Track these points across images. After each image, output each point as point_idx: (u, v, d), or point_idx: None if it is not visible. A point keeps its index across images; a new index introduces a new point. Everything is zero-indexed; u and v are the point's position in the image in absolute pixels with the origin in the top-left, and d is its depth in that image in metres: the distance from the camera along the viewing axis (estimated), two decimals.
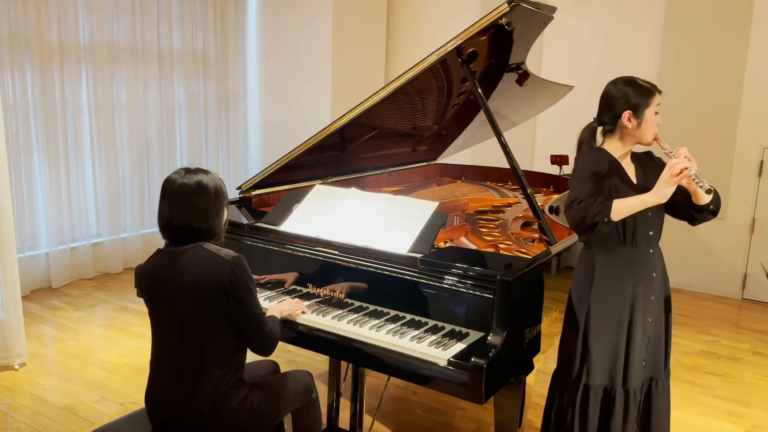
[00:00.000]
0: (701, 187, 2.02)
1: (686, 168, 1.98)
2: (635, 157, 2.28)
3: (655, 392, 2.31)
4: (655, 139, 2.19)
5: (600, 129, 2.27)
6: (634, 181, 2.22)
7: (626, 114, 2.16)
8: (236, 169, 6.38)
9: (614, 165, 2.20)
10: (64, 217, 5.00)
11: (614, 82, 2.23)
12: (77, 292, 4.92)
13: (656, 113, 2.18)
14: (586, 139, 2.27)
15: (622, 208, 2.04)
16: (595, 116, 2.26)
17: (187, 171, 2.01)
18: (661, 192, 2.01)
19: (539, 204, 2.65)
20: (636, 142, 2.22)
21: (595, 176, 2.16)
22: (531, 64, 3.31)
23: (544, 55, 5.77)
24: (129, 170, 5.46)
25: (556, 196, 3.57)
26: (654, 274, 2.25)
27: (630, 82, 2.20)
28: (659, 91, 2.19)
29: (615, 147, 2.23)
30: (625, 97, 2.17)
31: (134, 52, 5.33)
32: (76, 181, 5.08)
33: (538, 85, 3.48)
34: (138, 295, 2.07)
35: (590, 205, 2.04)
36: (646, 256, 2.23)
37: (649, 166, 2.28)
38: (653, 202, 2.04)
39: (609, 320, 2.21)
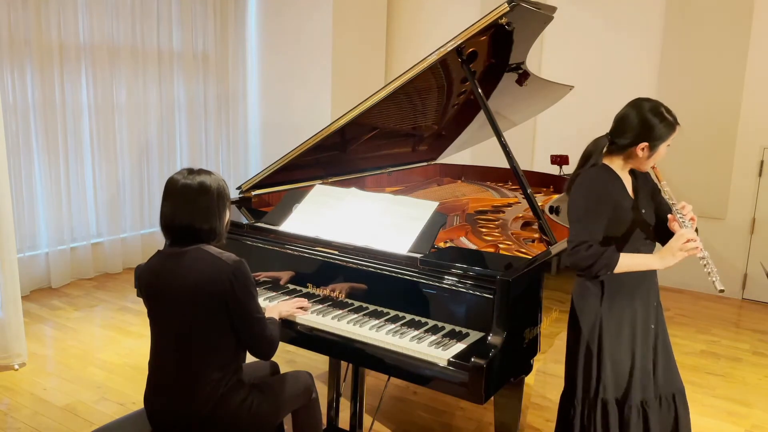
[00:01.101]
0: (712, 280, 2.03)
1: (697, 248, 2.03)
2: (631, 171, 2.28)
3: (680, 405, 2.30)
4: (653, 168, 2.20)
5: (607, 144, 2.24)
6: (632, 195, 2.22)
7: (642, 145, 2.12)
8: (236, 169, 6.38)
9: (618, 184, 2.20)
10: (64, 217, 5.00)
11: (639, 108, 2.13)
12: (77, 292, 4.92)
13: (668, 145, 2.15)
14: (595, 153, 2.22)
15: (625, 265, 2.08)
16: (609, 133, 2.21)
17: (191, 172, 2.00)
18: (667, 262, 2.07)
19: (539, 204, 2.65)
20: (635, 167, 2.22)
21: (601, 203, 2.13)
22: (531, 64, 3.31)
23: (544, 55, 5.77)
24: (129, 170, 5.46)
25: (556, 196, 3.57)
26: (656, 280, 2.29)
27: (657, 113, 2.10)
28: (679, 124, 2.13)
29: (618, 165, 2.22)
30: (648, 130, 2.10)
31: (134, 52, 5.33)
32: (76, 181, 5.08)
33: (538, 85, 3.48)
34: (138, 295, 2.07)
35: (599, 256, 2.04)
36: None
37: (642, 179, 2.29)
38: (657, 267, 2.10)
39: (621, 331, 2.21)
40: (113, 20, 5.16)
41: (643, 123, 2.10)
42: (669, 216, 2.14)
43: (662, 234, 2.24)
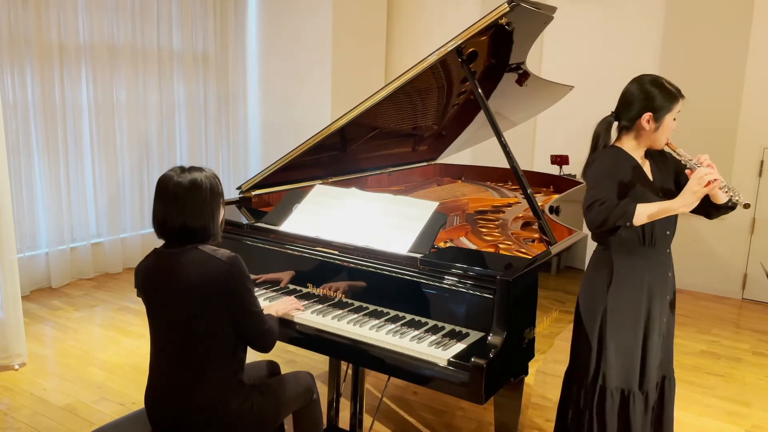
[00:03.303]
0: (737, 200, 1.98)
1: (716, 180, 1.97)
2: (648, 153, 2.25)
3: (668, 389, 2.33)
4: (667, 144, 2.18)
5: (616, 124, 2.23)
6: (651, 178, 2.20)
7: (646, 116, 2.12)
8: (236, 169, 6.38)
9: (632, 164, 2.18)
10: (64, 217, 5.00)
11: (640, 81, 2.16)
12: (77, 292, 4.92)
13: (674, 119, 2.14)
14: (603, 133, 2.22)
15: (645, 213, 2.02)
16: (613, 111, 2.22)
17: (183, 170, 1.98)
18: (688, 201, 2.00)
19: (539, 204, 2.65)
20: (649, 144, 2.20)
21: (614, 176, 2.12)
22: (531, 64, 3.31)
23: (544, 55, 5.77)
24: (129, 170, 5.46)
25: (556, 196, 3.57)
26: (669, 274, 2.27)
27: (657, 83, 2.13)
28: (683, 96, 2.14)
29: (631, 145, 2.20)
30: (648, 99, 2.11)
31: (134, 52, 5.33)
32: (76, 181, 5.08)
33: (538, 85, 3.48)
34: (138, 295, 2.06)
35: (613, 207, 2.01)
36: (663, 256, 2.24)
37: (663, 162, 2.26)
38: (678, 210, 2.03)
39: (626, 322, 2.21)
40: (113, 20, 5.16)
41: (643, 93, 2.12)
42: (687, 171, 2.09)
43: (699, 209, 2.18)
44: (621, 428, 2.26)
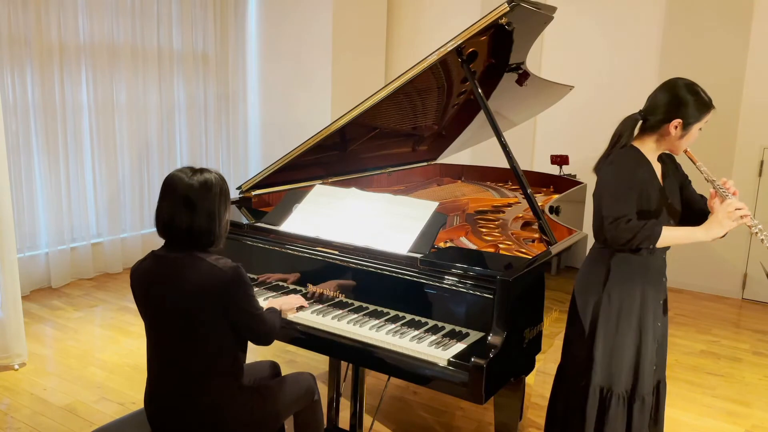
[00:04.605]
0: (762, 240, 1.99)
1: (746, 216, 1.98)
2: (659, 157, 2.25)
3: (662, 393, 2.33)
4: (686, 152, 2.17)
5: (639, 123, 2.20)
6: (661, 182, 2.19)
7: (676, 122, 2.09)
8: (236, 169, 6.38)
9: (648, 167, 2.16)
10: (64, 217, 5.00)
11: (675, 85, 2.12)
12: (77, 292, 4.92)
13: (700, 128, 2.13)
14: (626, 132, 2.17)
15: (668, 238, 2.03)
16: (642, 110, 2.18)
17: (194, 171, 1.94)
18: (714, 232, 2.01)
19: (539, 204, 2.65)
20: (668, 148, 2.18)
21: (634, 185, 2.11)
22: (531, 64, 3.31)
23: (544, 55, 5.77)
24: (129, 170, 5.46)
25: (556, 196, 3.57)
26: (663, 279, 2.27)
27: (694, 90, 2.11)
28: (714, 107, 2.12)
29: (650, 147, 2.18)
30: (682, 105, 2.08)
31: (134, 52, 5.33)
32: (76, 181, 5.08)
33: (538, 85, 3.48)
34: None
35: (640, 228, 2.02)
36: (660, 262, 2.24)
37: (671, 168, 2.26)
38: (703, 239, 2.04)
39: (617, 322, 2.20)
40: (113, 20, 5.16)
41: (677, 99, 2.09)
42: (711, 192, 2.08)
43: (690, 224, 2.18)
44: (600, 428, 2.26)
